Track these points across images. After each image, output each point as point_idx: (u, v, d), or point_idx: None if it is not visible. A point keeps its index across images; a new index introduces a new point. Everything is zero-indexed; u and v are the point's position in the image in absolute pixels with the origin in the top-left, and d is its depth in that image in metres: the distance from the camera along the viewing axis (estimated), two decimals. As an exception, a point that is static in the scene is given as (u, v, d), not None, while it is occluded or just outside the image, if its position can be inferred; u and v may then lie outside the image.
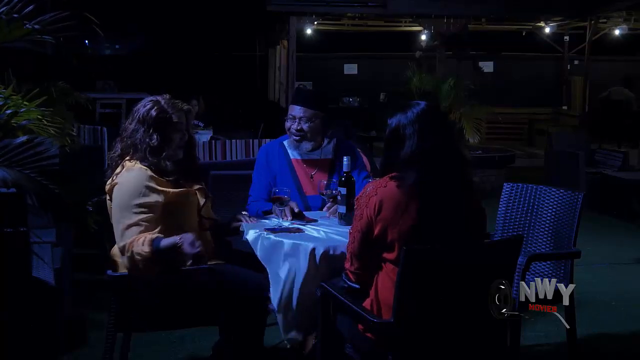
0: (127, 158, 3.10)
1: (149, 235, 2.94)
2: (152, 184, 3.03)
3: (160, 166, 3.10)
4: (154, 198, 3.01)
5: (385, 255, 2.67)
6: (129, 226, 2.95)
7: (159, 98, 3.16)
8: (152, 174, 3.06)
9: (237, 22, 13.39)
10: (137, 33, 13.55)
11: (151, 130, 3.07)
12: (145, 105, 3.13)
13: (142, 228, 2.96)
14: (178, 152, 3.16)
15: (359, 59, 14.82)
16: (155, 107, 3.10)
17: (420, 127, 2.66)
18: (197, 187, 3.25)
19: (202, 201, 3.24)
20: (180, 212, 3.13)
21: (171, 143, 3.12)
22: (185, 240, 2.91)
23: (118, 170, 3.07)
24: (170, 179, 3.13)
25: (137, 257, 2.92)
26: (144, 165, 3.07)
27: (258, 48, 14.44)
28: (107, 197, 3.08)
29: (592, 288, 5.06)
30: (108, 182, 3.08)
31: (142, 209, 2.98)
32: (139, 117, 3.10)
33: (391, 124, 2.73)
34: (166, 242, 2.94)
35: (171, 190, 3.10)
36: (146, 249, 2.91)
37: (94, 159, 6.35)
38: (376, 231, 2.65)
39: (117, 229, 2.98)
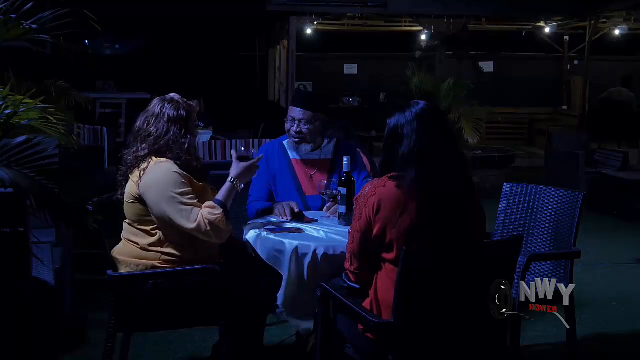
0: (154, 156, 3.12)
1: (206, 204, 3.07)
2: (183, 173, 3.10)
3: (189, 163, 3.16)
4: (187, 187, 3.08)
5: (385, 255, 2.67)
6: (192, 210, 3.02)
7: (175, 98, 3.19)
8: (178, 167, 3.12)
9: (237, 22, 13.37)
10: (137, 33, 13.53)
11: (183, 131, 3.13)
12: (169, 106, 3.14)
13: (200, 205, 3.07)
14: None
15: (359, 59, 14.79)
16: (182, 107, 3.16)
17: (419, 127, 2.65)
18: (211, 187, 3.28)
19: None
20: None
21: (194, 140, 3.20)
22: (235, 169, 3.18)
23: (144, 166, 3.09)
24: (193, 174, 3.19)
25: (217, 222, 3.02)
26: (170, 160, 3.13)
27: (258, 48, 14.43)
28: (134, 195, 3.08)
29: (592, 288, 5.06)
30: (134, 180, 3.08)
31: (188, 195, 3.05)
32: (168, 117, 3.12)
33: (390, 124, 2.73)
34: (221, 193, 3.13)
35: (194, 182, 3.16)
36: (217, 211, 3.04)
37: (94, 159, 6.35)
38: (375, 231, 2.65)
39: (179, 216, 3.01)
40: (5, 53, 3.23)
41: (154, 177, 3.05)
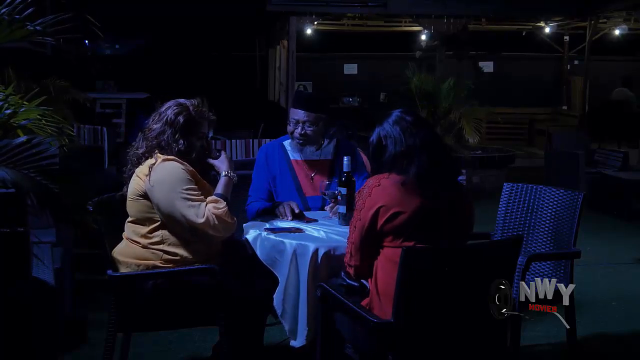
0: (157, 152, 3.13)
1: (209, 199, 3.10)
2: (189, 169, 3.11)
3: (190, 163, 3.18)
4: (193, 183, 3.10)
5: (387, 243, 2.70)
6: (200, 205, 3.05)
7: (187, 104, 3.19)
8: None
9: (237, 22, 13.38)
10: (137, 33, 13.54)
11: (177, 136, 3.13)
12: (173, 109, 3.16)
13: (205, 201, 3.09)
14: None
15: (359, 59, 14.79)
16: (184, 114, 3.15)
17: (401, 129, 2.75)
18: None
19: None
20: None
21: (194, 148, 3.18)
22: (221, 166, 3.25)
23: (152, 161, 3.10)
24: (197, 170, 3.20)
25: (223, 216, 3.06)
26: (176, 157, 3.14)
27: (258, 48, 14.43)
28: (140, 191, 3.09)
29: (592, 288, 5.06)
30: (141, 177, 3.09)
31: (195, 191, 3.08)
32: (166, 119, 3.14)
33: (374, 139, 2.84)
34: (220, 187, 3.17)
35: (199, 179, 3.17)
36: (221, 205, 3.08)
37: (94, 159, 6.34)
38: (377, 219, 2.68)
39: (189, 212, 3.02)
40: (6, 53, 3.23)
41: (162, 176, 3.05)
